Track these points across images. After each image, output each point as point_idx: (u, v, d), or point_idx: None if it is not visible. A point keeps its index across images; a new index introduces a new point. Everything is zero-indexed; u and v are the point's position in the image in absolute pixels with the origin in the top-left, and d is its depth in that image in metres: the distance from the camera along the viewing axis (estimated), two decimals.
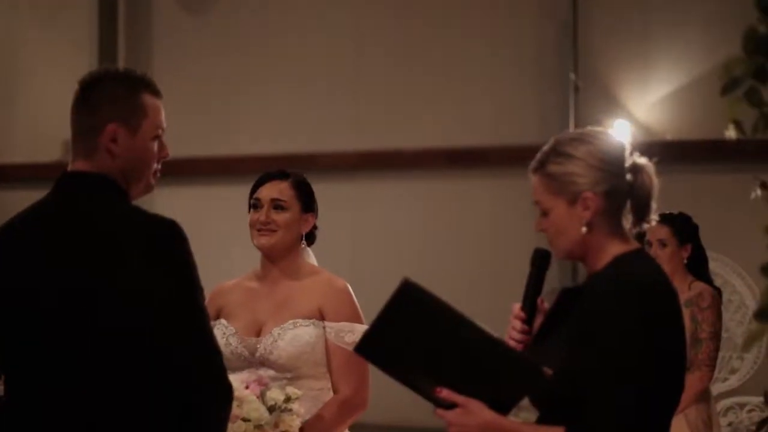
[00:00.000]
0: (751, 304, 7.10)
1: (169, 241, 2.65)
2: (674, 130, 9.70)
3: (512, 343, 2.90)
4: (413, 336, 2.65)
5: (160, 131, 2.84)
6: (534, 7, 10.34)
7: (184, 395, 2.60)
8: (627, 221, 2.82)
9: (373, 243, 10.66)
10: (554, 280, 8.51)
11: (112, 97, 2.78)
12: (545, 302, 2.95)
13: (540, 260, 2.93)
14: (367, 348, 2.71)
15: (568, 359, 2.69)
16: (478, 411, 2.69)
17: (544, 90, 10.22)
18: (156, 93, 2.85)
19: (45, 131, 11.69)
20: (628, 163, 2.79)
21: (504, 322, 2.98)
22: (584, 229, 2.77)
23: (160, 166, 2.87)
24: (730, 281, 7.26)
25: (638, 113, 9.87)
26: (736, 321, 7.23)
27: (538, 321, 2.94)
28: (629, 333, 2.62)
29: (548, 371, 2.63)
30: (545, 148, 2.85)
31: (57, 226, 2.71)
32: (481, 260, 10.15)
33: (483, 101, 10.46)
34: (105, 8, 11.73)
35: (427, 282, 2.68)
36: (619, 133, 9.00)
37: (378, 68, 10.87)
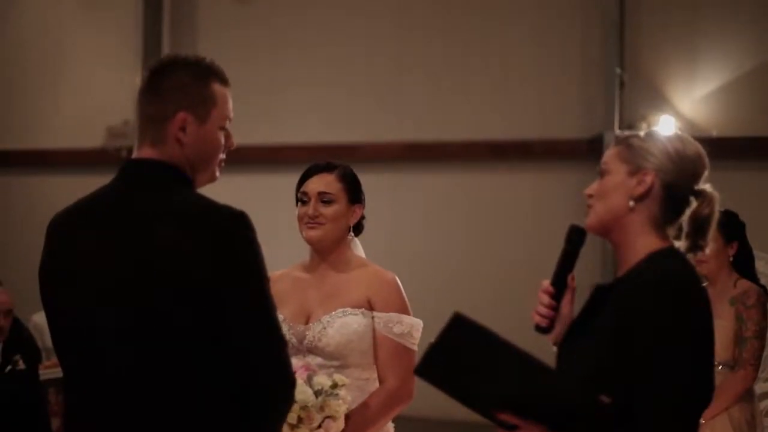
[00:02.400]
0: None
1: (237, 231, 2.61)
2: (721, 126, 9.63)
3: (537, 318, 2.92)
4: (467, 366, 2.67)
5: (227, 121, 2.80)
6: (581, 0, 10.30)
7: (248, 381, 2.60)
8: (672, 229, 2.82)
9: (414, 234, 10.65)
10: (597, 274, 8.48)
11: (181, 84, 2.73)
12: (575, 280, 2.93)
13: (574, 237, 2.91)
14: (425, 372, 2.72)
15: (604, 358, 2.68)
16: None
17: (590, 84, 10.18)
18: (225, 82, 2.80)
19: (88, 117, 11.75)
20: (698, 186, 2.82)
21: None
22: (631, 203, 2.77)
23: (225, 156, 2.84)
24: None
25: (684, 109, 9.80)
26: None
27: (567, 298, 2.93)
28: (666, 332, 2.61)
29: (605, 399, 2.60)
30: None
31: (122, 214, 2.67)
32: (523, 253, 10.11)
33: (528, 94, 10.43)
34: None
35: (469, 276, 2.67)
36: (665, 128, 8.94)
37: (422, 60, 10.86)
